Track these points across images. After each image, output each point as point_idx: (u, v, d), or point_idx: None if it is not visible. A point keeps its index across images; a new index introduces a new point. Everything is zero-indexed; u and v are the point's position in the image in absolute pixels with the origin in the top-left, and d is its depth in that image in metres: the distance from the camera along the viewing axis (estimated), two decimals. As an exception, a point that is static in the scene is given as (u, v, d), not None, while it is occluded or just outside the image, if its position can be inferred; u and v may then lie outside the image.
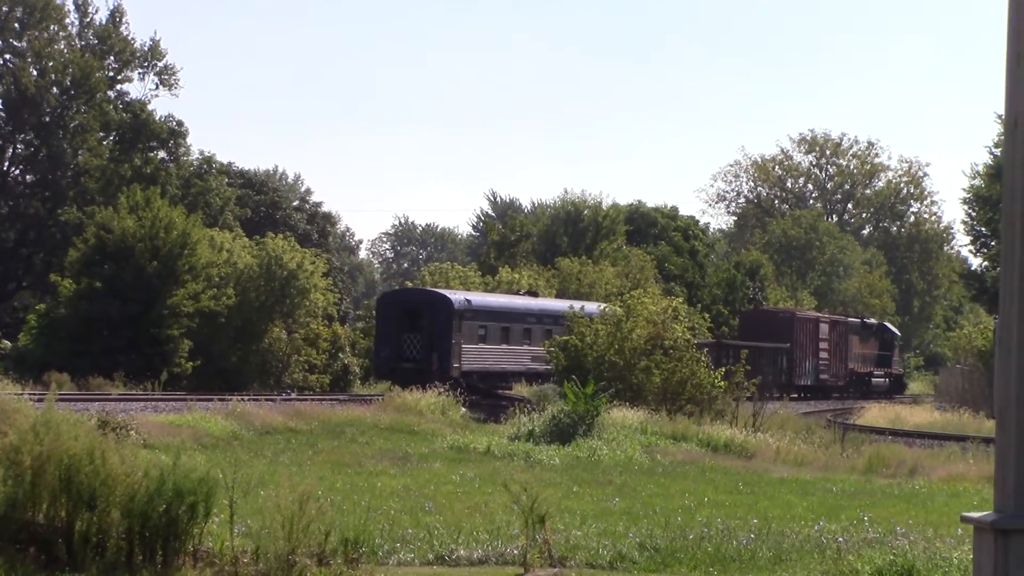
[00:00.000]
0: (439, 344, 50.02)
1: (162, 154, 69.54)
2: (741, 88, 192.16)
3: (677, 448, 32.42)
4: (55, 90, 68.22)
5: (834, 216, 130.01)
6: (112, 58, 71.29)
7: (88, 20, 71.61)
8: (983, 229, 66.62)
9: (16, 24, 69.45)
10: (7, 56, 69.37)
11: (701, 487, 24.06)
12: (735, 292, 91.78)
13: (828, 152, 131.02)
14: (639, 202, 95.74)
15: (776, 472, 28.27)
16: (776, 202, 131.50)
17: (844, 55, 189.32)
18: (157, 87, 71.51)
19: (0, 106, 68.51)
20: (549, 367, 46.15)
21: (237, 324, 55.74)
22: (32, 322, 54.54)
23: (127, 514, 13.17)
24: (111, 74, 70.94)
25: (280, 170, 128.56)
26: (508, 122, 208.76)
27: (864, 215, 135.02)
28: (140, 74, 71.75)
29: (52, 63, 68.34)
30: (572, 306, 48.12)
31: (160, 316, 51.67)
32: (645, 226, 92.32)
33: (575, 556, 15.19)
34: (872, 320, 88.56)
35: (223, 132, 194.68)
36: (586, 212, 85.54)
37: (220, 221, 66.80)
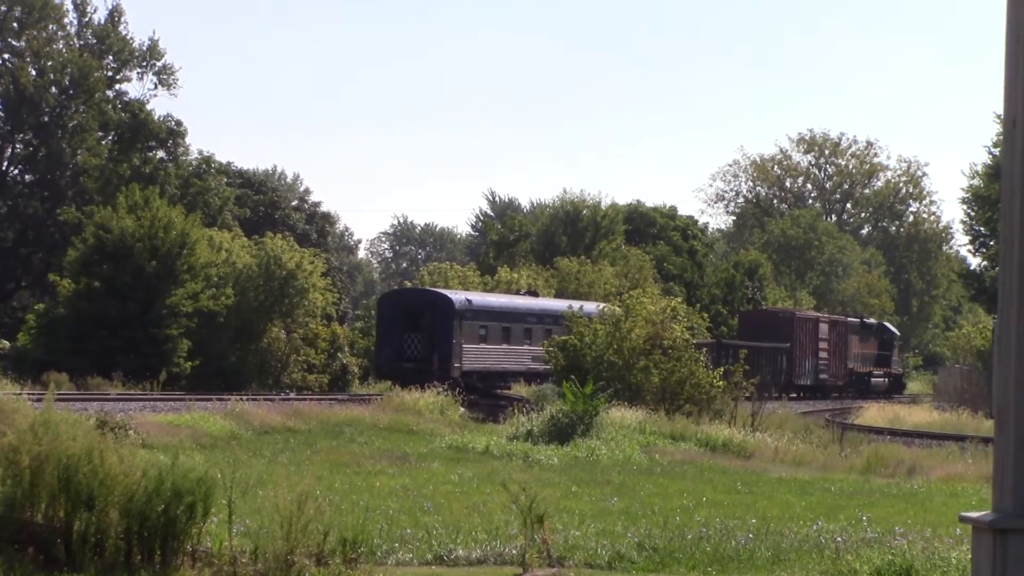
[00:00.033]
0: (440, 344, 49.95)
1: (161, 154, 69.53)
2: (740, 88, 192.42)
3: (676, 448, 32.42)
4: (54, 90, 68.21)
5: (833, 216, 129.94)
6: (111, 58, 71.29)
7: (87, 20, 71.62)
8: (982, 229, 66.57)
9: (15, 24, 69.44)
10: (6, 56, 69.37)
11: (699, 487, 24.05)
12: (734, 292, 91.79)
13: (827, 152, 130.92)
14: (638, 202, 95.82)
15: (775, 472, 28.27)
16: (775, 202, 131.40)
17: (844, 55, 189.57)
18: (156, 87, 71.61)
19: (-1, 106, 68.64)
20: (549, 367, 46.13)
21: (236, 324, 55.73)
22: (31, 322, 54.56)
23: (125, 514, 13.16)
24: (110, 74, 70.93)
25: (279, 170, 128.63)
26: (507, 122, 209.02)
27: (863, 215, 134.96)
28: (139, 74, 71.84)
29: (51, 63, 68.34)
30: (571, 306, 48.05)
31: (159, 316, 51.64)
32: (644, 226, 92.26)
33: (574, 556, 15.18)
34: (871, 320, 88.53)
35: (222, 132, 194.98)
36: (585, 212, 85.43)
37: (219, 221, 66.78)
